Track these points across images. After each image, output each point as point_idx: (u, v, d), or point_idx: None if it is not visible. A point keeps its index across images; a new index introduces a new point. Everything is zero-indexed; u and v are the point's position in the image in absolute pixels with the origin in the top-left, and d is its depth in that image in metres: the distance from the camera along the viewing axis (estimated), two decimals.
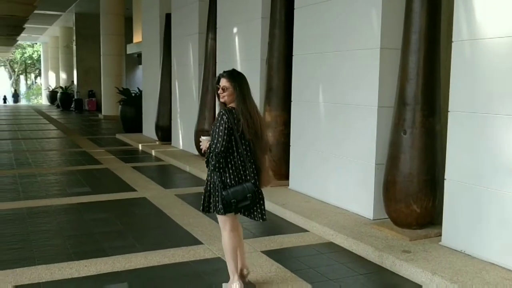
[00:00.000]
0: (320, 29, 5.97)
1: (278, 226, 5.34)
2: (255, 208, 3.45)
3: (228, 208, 3.33)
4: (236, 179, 3.34)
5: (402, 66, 4.72)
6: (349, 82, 5.46)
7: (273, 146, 6.83)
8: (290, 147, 6.66)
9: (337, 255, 4.40)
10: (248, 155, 3.36)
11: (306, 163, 6.31)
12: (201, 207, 3.48)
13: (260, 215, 3.47)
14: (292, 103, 6.60)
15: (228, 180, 3.33)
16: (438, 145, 4.65)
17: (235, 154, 3.34)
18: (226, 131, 3.25)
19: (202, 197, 3.46)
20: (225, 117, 3.27)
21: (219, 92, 3.38)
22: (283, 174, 6.85)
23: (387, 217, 4.92)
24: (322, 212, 5.45)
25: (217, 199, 3.33)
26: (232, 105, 3.36)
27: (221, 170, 3.32)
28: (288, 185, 6.70)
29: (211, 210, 3.44)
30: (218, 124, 3.29)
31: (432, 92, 4.62)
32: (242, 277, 3.54)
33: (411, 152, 4.60)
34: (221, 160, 3.29)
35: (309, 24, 6.20)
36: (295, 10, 6.48)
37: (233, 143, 3.32)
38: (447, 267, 3.82)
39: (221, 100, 3.38)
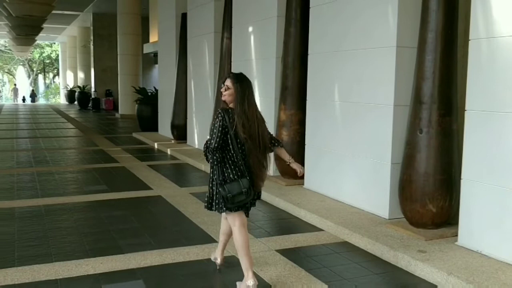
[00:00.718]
0: (336, 27, 5.94)
1: (293, 225, 5.33)
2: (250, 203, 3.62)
3: (226, 203, 3.46)
4: (235, 174, 3.49)
5: (418, 65, 4.69)
6: (365, 80, 5.43)
7: (288, 145, 6.83)
8: (305, 146, 6.65)
9: (352, 255, 4.39)
10: (242, 153, 3.50)
11: (321, 162, 6.29)
12: (205, 204, 3.65)
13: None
14: (307, 102, 6.59)
15: (230, 175, 3.48)
16: (454, 144, 4.60)
17: (232, 152, 3.50)
18: (220, 129, 3.43)
19: (207, 194, 3.62)
20: (220, 116, 3.45)
21: (221, 90, 3.55)
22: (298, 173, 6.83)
23: (402, 216, 4.89)
24: (337, 211, 5.44)
25: (218, 195, 3.51)
26: (232, 105, 3.53)
27: (219, 165, 3.49)
28: (303, 184, 6.68)
29: (213, 209, 3.59)
30: (214, 121, 3.49)
31: (449, 91, 4.57)
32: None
33: (427, 151, 4.56)
34: (216, 155, 3.45)
35: (324, 23, 6.18)
36: (310, 9, 6.46)
37: (229, 141, 3.47)
38: (463, 267, 3.78)
39: (223, 98, 3.56)
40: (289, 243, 4.65)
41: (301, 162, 6.73)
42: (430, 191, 4.54)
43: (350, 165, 5.71)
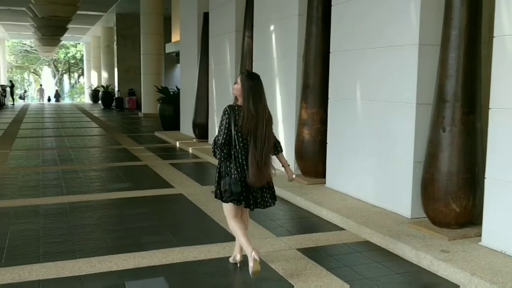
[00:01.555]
0: (358, 25, 5.91)
1: (314, 224, 5.32)
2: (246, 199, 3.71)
3: (223, 195, 3.71)
4: (238, 169, 3.65)
5: (441, 63, 4.62)
6: (387, 79, 5.39)
7: (310, 143, 6.82)
8: (327, 145, 6.62)
9: (374, 254, 4.36)
10: (243, 150, 3.63)
11: (343, 161, 6.26)
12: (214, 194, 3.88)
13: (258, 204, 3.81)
14: (329, 100, 6.56)
15: (232, 170, 3.66)
16: (478, 143, 4.53)
17: (237, 147, 3.64)
18: (227, 125, 3.60)
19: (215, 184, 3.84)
20: (226, 113, 3.61)
21: (234, 85, 3.75)
22: (319, 172, 6.82)
23: (425, 216, 4.83)
24: (358, 210, 5.41)
25: (218, 186, 3.76)
26: (239, 102, 3.66)
27: (226, 161, 3.67)
28: (325, 183, 6.66)
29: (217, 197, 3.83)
30: (221, 118, 3.66)
31: (472, 89, 4.50)
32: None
33: (450, 150, 4.50)
34: (224, 151, 3.63)
35: (346, 21, 6.15)
36: (332, 7, 6.43)
37: (235, 137, 3.61)
38: (486, 268, 3.73)
39: (232, 93, 3.76)
40: (310, 242, 4.64)
41: (323, 161, 6.72)
42: (453, 190, 4.48)
43: (372, 164, 5.68)
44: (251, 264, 3.53)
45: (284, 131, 7.70)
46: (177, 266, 4.00)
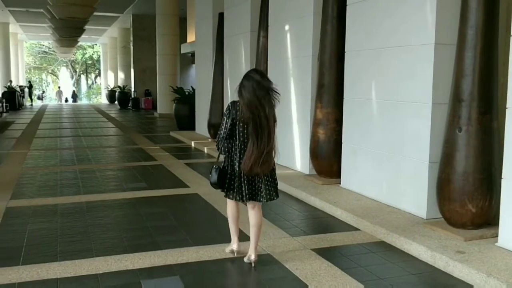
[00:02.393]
0: (373, 25, 5.88)
1: (329, 224, 5.31)
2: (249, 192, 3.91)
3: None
4: (241, 162, 3.82)
5: (457, 62, 4.59)
6: (403, 78, 5.36)
7: (325, 143, 6.81)
8: (342, 144, 6.60)
9: (389, 254, 4.34)
10: (243, 144, 3.82)
11: (358, 161, 6.24)
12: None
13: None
14: (344, 100, 6.54)
15: (235, 161, 3.87)
16: (494, 143, 4.48)
17: (237, 142, 3.85)
18: (228, 120, 3.82)
19: None
20: (228, 109, 3.86)
21: None
22: (334, 172, 6.81)
23: (440, 216, 4.80)
24: (373, 210, 5.39)
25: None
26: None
27: (228, 154, 3.90)
28: (340, 183, 6.65)
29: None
30: (223, 114, 3.93)
31: (489, 89, 4.46)
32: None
33: (467, 150, 4.46)
34: (225, 145, 3.86)
35: (361, 20, 6.13)
36: (347, 6, 6.41)
37: (236, 132, 3.83)
38: (503, 269, 3.69)
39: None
40: (325, 242, 4.64)
41: (338, 160, 6.70)
42: (470, 191, 4.44)
43: (387, 164, 5.65)
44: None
45: (299, 131, 7.69)
46: (192, 265, 4.03)
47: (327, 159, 6.83)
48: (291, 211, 5.80)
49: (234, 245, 4.19)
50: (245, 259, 4.05)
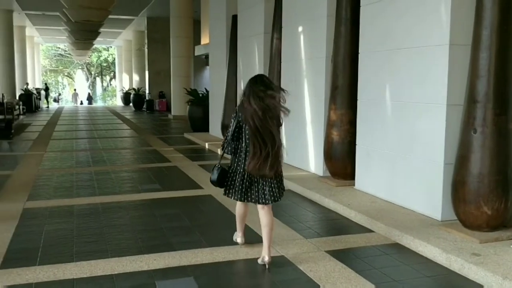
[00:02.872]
0: (387, 26, 5.86)
1: (343, 226, 5.30)
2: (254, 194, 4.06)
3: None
4: (246, 162, 3.96)
5: (472, 63, 4.55)
6: (417, 79, 5.33)
7: (339, 144, 6.79)
8: (356, 146, 6.58)
9: (403, 256, 4.32)
10: (248, 146, 3.93)
11: (372, 162, 6.22)
12: None
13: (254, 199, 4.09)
14: (358, 101, 6.53)
15: (240, 163, 4.02)
16: (510, 144, 4.44)
17: (243, 144, 4.00)
18: (234, 123, 3.98)
19: None
20: (235, 112, 4.02)
21: None
22: (348, 173, 6.79)
23: (456, 218, 4.76)
24: (388, 212, 5.36)
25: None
26: None
27: (234, 155, 4.07)
28: (354, 185, 6.62)
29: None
30: (232, 116, 4.08)
31: (504, 89, 4.41)
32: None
33: (482, 151, 4.43)
34: (232, 146, 4.03)
35: (375, 21, 6.11)
36: (361, 7, 6.40)
37: (242, 134, 3.97)
38: None
39: None
40: (339, 244, 4.63)
41: (352, 162, 6.68)
42: (485, 193, 4.40)
43: (401, 166, 5.62)
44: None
45: (313, 132, 7.69)
46: (206, 266, 4.05)
47: (341, 160, 6.81)
48: (305, 213, 5.79)
49: (238, 238, 4.48)
50: (259, 261, 4.07)
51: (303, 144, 7.95)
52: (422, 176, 5.27)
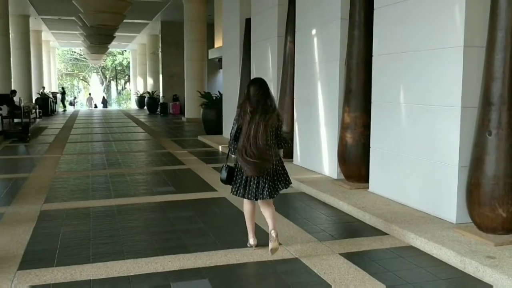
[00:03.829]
0: (401, 29, 5.86)
1: (357, 229, 5.30)
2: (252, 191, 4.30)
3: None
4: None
5: (487, 65, 4.53)
6: (431, 82, 5.32)
7: (353, 147, 6.79)
8: (370, 149, 6.57)
9: (417, 259, 4.31)
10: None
11: (386, 165, 6.21)
12: None
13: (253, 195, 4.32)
14: (372, 104, 6.52)
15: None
16: None
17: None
18: (235, 122, 4.26)
19: None
20: (237, 114, 4.29)
21: None
22: (362, 176, 6.78)
23: (470, 221, 4.74)
24: (402, 215, 5.35)
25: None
26: None
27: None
28: (368, 187, 6.61)
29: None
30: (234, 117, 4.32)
31: None
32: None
33: (497, 153, 4.40)
34: (235, 145, 4.24)
35: (389, 24, 6.11)
36: (374, 11, 6.40)
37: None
38: None
39: None
40: (353, 246, 4.63)
41: (366, 165, 6.67)
42: (500, 195, 4.37)
43: (416, 168, 5.60)
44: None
45: (327, 135, 7.69)
46: (220, 268, 4.08)
47: (355, 163, 6.80)
48: (319, 216, 5.80)
49: (250, 239, 4.52)
50: (269, 249, 4.22)
51: (317, 147, 7.96)
52: (436, 179, 5.25)
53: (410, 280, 3.83)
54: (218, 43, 20.19)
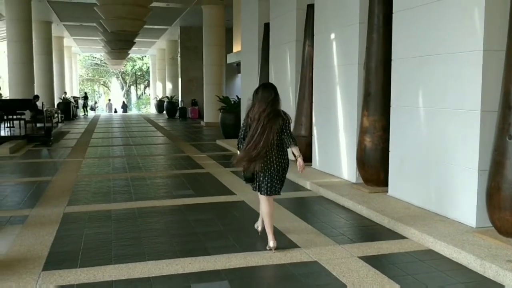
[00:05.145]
0: (420, 32, 5.85)
1: (376, 232, 5.30)
2: (257, 185, 4.70)
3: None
4: None
5: (506, 68, 4.51)
6: (451, 86, 5.30)
7: (371, 151, 6.79)
8: (389, 152, 6.56)
9: (437, 263, 4.30)
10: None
11: (405, 169, 6.19)
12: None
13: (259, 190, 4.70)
14: (391, 108, 6.51)
15: None
16: None
17: None
18: (244, 123, 4.67)
19: None
20: (246, 115, 4.66)
21: None
22: (381, 180, 6.77)
23: (490, 225, 4.70)
24: (421, 218, 5.33)
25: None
26: None
27: None
28: (387, 191, 6.60)
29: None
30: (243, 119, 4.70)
31: None
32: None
33: None
34: (243, 144, 4.60)
35: (408, 28, 6.10)
36: (393, 14, 6.40)
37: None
38: None
39: None
40: (372, 250, 4.64)
41: (385, 168, 6.66)
42: None
43: (435, 172, 5.58)
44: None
45: (345, 138, 7.70)
46: (240, 270, 4.12)
47: (374, 167, 6.79)
48: (338, 219, 5.81)
49: (259, 227, 5.01)
50: (267, 247, 4.57)
51: (336, 151, 7.96)
52: (456, 183, 5.22)
53: (429, 284, 3.83)
54: (236, 47, 20.30)
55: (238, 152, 4.74)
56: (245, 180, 4.78)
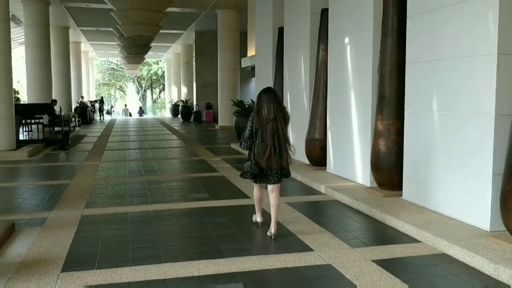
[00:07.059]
0: (434, 36, 5.86)
1: (390, 236, 5.31)
2: (264, 178, 5.19)
3: (244, 174, 5.27)
4: (251, 157, 5.12)
5: None
6: (465, 89, 5.30)
7: (386, 155, 6.79)
8: (404, 156, 6.56)
9: (450, 267, 4.30)
10: (259, 142, 5.00)
11: (420, 173, 6.19)
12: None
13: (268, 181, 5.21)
14: (405, 111, 6.52)
15: (252, 156, 5.11)
16: None
17: (257, 141, 5.02)
18: (250, 124, 5.07)
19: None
20: (251, 117, 5.09)
21: None
22: (395, 184, 6.76)
23: (505, 229, 4.69)
24: (435, 222, 5.33)
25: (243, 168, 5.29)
26: None
27: (249, 151, 5.14)
28: (401, 195, 6.60)
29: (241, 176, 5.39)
30: (249, 119, 5.13)
31: None
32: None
33: None
34: (248, 142, 5.09)
35: (422, 32, 6.11)
36: (407, 18, 6.42)
37: (256, 134, 5.02)
38: None
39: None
40: (386, 253, 4.65)
41: (399, 172, 6.66)
42: None
43: (449, 176, 5.58)
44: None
45: (360, 142, 7.71)
46: (254, 273, 4.17)
47: (388, 171, 6.80)
48: (351, 223, 5.83)
49: (258, 218, 5.59)
50: (268, 233, 5.11)
51: (350, 155, 7.98)
52: (470, 186, 5.22)
53: (443, 287, 3.84)
54: (251, 51, 20.39)
55: (241, 147, 5.23)
56: (252, 175, 5.14)
